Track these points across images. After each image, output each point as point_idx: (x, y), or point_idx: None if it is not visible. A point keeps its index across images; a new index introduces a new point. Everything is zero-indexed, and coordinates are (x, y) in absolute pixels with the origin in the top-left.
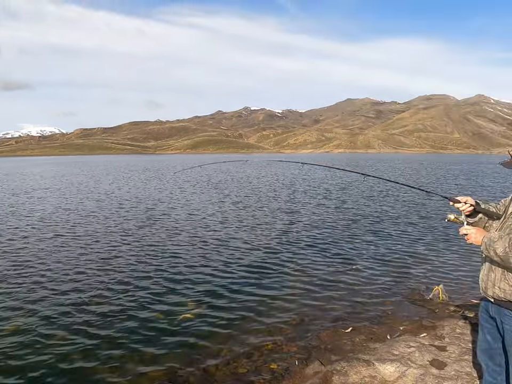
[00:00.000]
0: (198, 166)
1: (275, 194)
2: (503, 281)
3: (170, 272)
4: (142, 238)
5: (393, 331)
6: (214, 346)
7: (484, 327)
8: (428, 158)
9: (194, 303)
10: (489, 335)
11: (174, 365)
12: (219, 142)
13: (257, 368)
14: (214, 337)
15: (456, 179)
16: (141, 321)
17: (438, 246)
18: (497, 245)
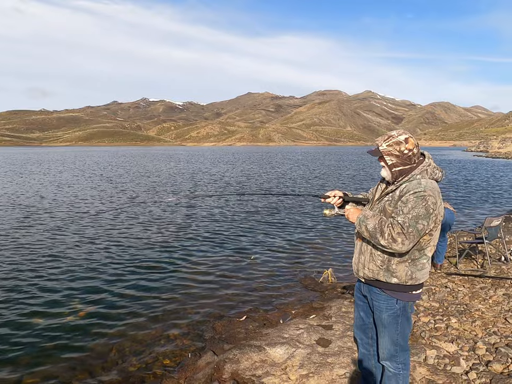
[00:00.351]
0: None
1: (174, 189)
2: (371, 263)
3: (54, 274)
4: (21, 238)
5: (285, 315)
6: (101, 347)
7: (358, 305)
8: (324, 150)
9: (82, 304)
10: (362, 312)
11: (56, 370)
12: (115, 134)
13: (148, 365)
14: (102, 337)
15: (347, 169)
16: (19, 326)
17: (328, 233)
18: (369, 222)
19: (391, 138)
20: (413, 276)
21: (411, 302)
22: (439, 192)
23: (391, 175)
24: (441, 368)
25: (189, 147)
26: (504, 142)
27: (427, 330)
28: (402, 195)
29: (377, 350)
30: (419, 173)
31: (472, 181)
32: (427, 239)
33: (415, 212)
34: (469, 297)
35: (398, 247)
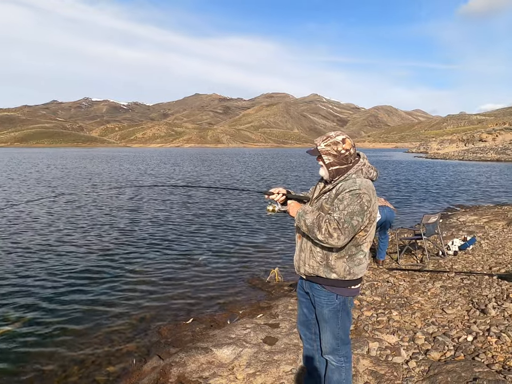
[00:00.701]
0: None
1: (117, 191)
2: (311, 259)
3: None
4: None
5: (233, 316)
6: (40, 359)
7: (300, 301)
8: (272, 152)
9: (18, 314)
10: (305, 308)
11: None
12: (55, 134)
13: (90, 373)
14: (41, 348)
15: (293, 171)
16: None
17: (274, 233)
18: (308, 216)
19: (329, 138)
20: (351, 271)
21: (350, 296)
22: (374, 190)
23: (328, 174)
24: (383, 359)
25: (135, 148)
26: (442, 143)
27: (370, 324)
28: (339, 193)
29: (320, 344)
30: (354, 172)
31: (413, 180)
32: (362, 235)
33: (350, 208)
34: (409, 290)
35: (334, 242)
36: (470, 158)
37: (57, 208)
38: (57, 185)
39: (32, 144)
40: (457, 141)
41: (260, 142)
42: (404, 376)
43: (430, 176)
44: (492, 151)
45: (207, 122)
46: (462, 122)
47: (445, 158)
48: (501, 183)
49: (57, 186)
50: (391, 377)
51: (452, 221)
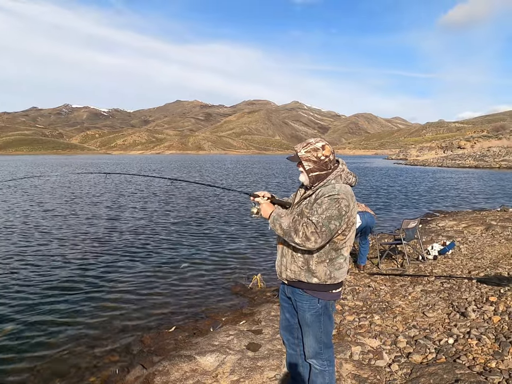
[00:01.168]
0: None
1: (94, 200)
2: (293, 264)
3: None
4: None
5: (216, 323)
6: (21, 370)
7: (283, 306)
8: (253, 159)
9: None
10: (288, 313)
11: None
12: (35, 142)
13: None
14: (21, 359)
15: (275, 177)
16: None
17: (256, 240)
18: (283, 220)
19: (309, 145)
20: (331, 275)
21: (332, 300)
22: (353, 196)
23: (308, 180)
24: (366, 363)
25: (115, 155)
26: (421, 150)
27: (352, 328)
28: (318, 198)
29: (304, 349)
30: (333, 178)
31: (393, 186)
32: (341, 239)
33: (329, 212)
34: (390, 294)
35: (311, 245)
36: (448, 164)
37: (34, 217)
38: (35, 194)
39: (11, 152)
40: (436, 148)
41: (241, 149)
42: (387, 379)
43: (410, 182)
44: (470, 158)
45: (189, 129)
46: (441, 129)
47: (424, 164)
48: (480, 189)
49: (34, 194)
50: (374, 381)
51: (431, 226)
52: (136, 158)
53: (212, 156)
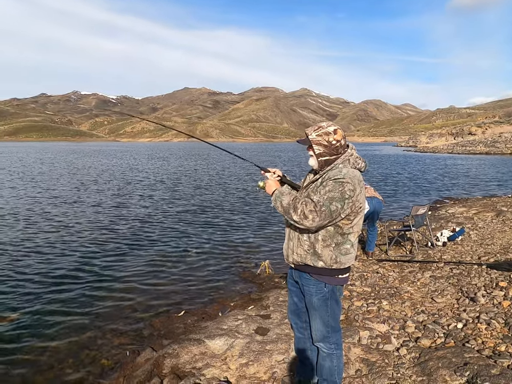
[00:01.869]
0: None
1: (104, 188)
2: (299, 248)
3: None
4: None
5: (224, 308)
6: (35, 351)
7: (291, 290)
8: (261, 147)
9: (8, 310)
10: (296, 297)
11: None
12: (44, 128)
13: (85, 366)
14: (35, 341)
15: (284, 165)
16: None
17: (264, 226)
18: (284, 198)
19: (320, 128)
20: (337, 260)
21: (339, 285)
22: (360, 181)
23: (317, 164)
24: (374, 347)
25: (123, 143)
26: (431, 137)
27: (360, 314)
28: (324, 181)
29: (311, 333)
30: (341, 162)
31: (402, 173)
32: (346, 223)
33: (331, 194)
34: (399, 280)
35: (308, 223)
36: (459, 151)
37: (42, 204)
38: (42, 180)
39: (21, 138)
40: (447, 134)
41: (249, 137)
42: (395, 363)
43: (419, 169)
44: (481, 144)
45: (197, 117)
46: (452, 116)
47: (434, 151)
48: (491, 175)
49: (42, 181)
50: (383, 364)
51: (441, 213)
52: (145, 145)
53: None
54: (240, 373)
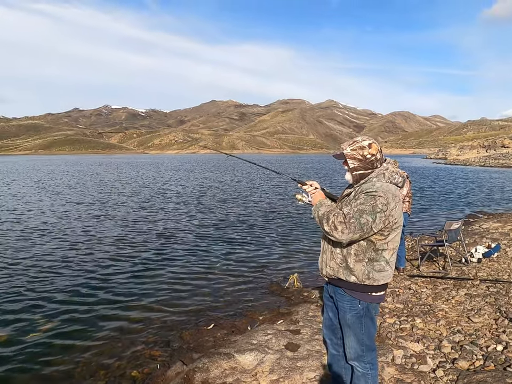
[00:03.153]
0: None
1: (131, 199)
2: (332, 260)
3: (13, 288)
4: None
5: (253, 322)
6: (68, 362)
7: (326, 305)
8: (287, 158)
9: (43, 320)
10: (331, 312)
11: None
12: (77, 141)
13: (116, 378)
14: (68, 353)
15: (317, 177)
16: None
17: (293, 239)
18: (322, 209)
19: (355, 143)
20: (370, 276)
21: (375, 303)
22: (396, 196)
23: (352, 178)
24: (409, 367)
25: (152, 155)
26: (462, 149)
27: (393, 331)
28: (356, 194)
29: (344, 350)
30: (375, 176)
31: (433, 186)
32: (380, 239)
33: (362, 207)
34: (432, 298)
35: (337, 235)
36: (491, 164)
37: (72, 217)
38: (68, 193)
39: (54, 152)
40: (478, 147)
41: (275, 148)
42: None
43: (450, 183)
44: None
45: (223, 129)
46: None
47: (465, 164)
48: None
49: (67, 194)
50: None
51: (474, 228)
52: (173, 157)
53: (246, 155)
54: None
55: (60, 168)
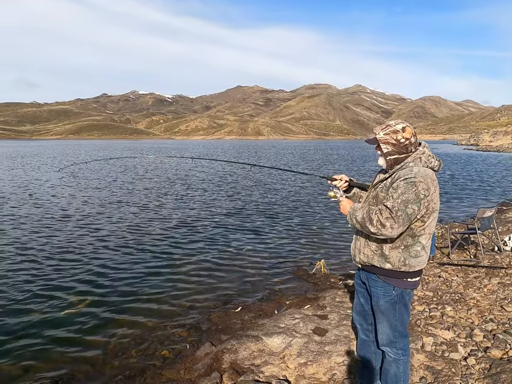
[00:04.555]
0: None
1: (162, 185)
2: (366, 247)
3: (50, 267)
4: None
5: (280, 306)
6: (101, 340)
7: (358, 291)
8: (313, 144)
9: (78, 298)
10: (362, 298)
11: (56, 362)
12: (105, 127)
13: (147, 356)
14: (101, 330)
15: (343, 164)
16: (17, 320)
17: (320, 225)
18: (358, 213)
19: (388, 127)
20: (406, 262)
21: (409, 289)
22: (434, 180)
23: (386, 163)
24: (439, 355)
25: (178, 140)
26: (495, 135)
27: (422, 319)
28: (394, 181)
29: (376, 336)
30: (412, 161)
31: (464, 173)
32: (419, 225)
33: (405, 196)
34: (463, 286)
35: (387, 231)
36: None
37: (110, 204)
38: (91, 178)
39: (84, 136)
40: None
41: (300, 134)
42: (463, 373)
43: (483, 169)
44: None
45: (249, 115)
46: None
47: (498, 150)
48: None
49: (89, 179)
50: (449, 374)
51: (508, 216)
52: (199, 143)
53: (271, 141)
54: (298, 373)
55: (93, 153)
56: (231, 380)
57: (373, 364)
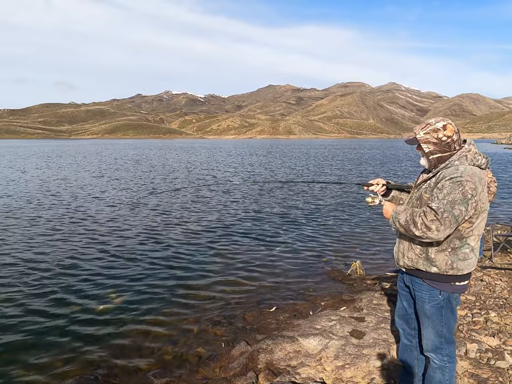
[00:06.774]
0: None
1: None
2: (410, 251)
3: (88, 262)
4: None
5: (315, 307)
6: (136, 336)
7: (401, 294)
8: (346, 143)
9: (115, 293)
10: (405, 302)
11: (94, 357)
12: (139, 126)
13: (183, 353)
14: (137, 327)
15: (379, 165)
16: (56, 314)
17: (357, 225)
18: (401, 216)
19: (428, 126)
20: (453, 266)
21: (456, 293)
22: (481, 178)
23: (429, 163)
24: (485, 362)
25: (210, 140)
26: None
27: (465, 324)
28: (439, 181)
29: (419, 341)
30: (457, 159)
31: (505, 174)
32: (467, 226)
33: (451, 197)
34: (508, 291)
35: (433, 234)
36: None
37: (153, 199)
38: (121, 177)
39: (119, 136)
40: None
41: (332, 133)
42: (511, 382)
43: None
44: None
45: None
46: None
47: None
48: None
49: (119, 178)
50: (496, 382)
51: None
52: (231, 142)
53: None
54: (336, 376)
55: (126, 152)
56: (267, 380)
57: (415, 370)
